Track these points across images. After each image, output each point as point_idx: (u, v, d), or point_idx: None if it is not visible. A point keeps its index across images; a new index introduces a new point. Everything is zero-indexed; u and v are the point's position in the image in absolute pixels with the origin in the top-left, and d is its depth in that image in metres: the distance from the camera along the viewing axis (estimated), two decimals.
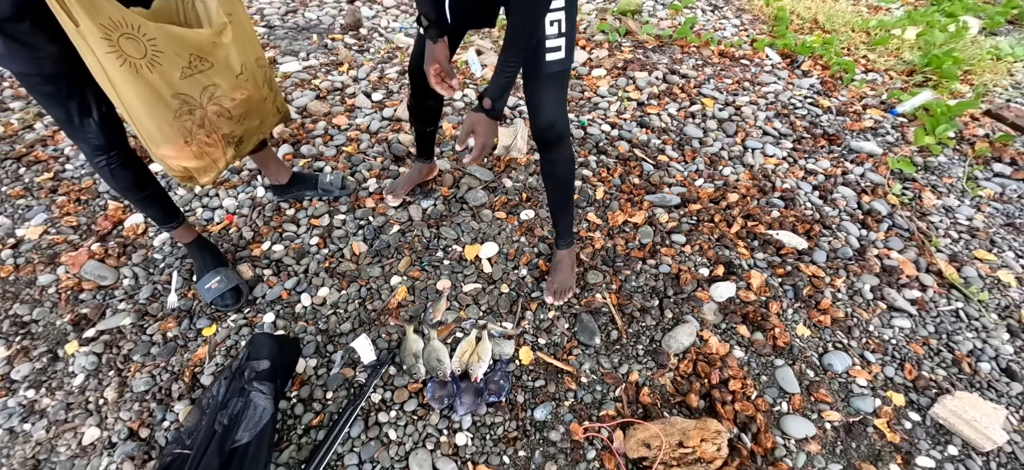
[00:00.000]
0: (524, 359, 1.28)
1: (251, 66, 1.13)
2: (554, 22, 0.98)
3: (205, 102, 1.05)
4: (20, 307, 1.39)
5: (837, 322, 1.41)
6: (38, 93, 0.96)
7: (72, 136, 1.05)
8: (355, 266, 1.49)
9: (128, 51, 0.89)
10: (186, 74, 0.99)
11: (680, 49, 2.66)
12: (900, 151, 2.06)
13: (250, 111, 1.17)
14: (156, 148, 1.05)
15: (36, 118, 2.04)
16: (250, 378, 1.05)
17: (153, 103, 0.97)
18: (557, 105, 1.10)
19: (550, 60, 1.02)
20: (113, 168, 1.11)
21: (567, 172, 1.24)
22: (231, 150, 1.17)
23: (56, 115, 1.00)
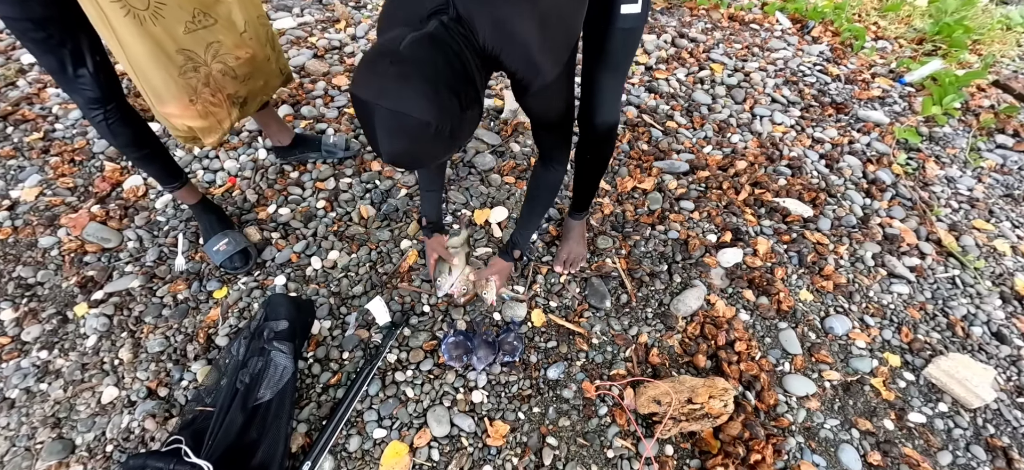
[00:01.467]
0: (536, 321, 1.33)
1: (254, 23, 1.13)
2: None
3: (209, 59, 1.04)
4: (23, 270, 1.40)
5: (839, 288, 1.48)
6: (28, 40, 0.93)
7: (66, 88, 1.03)
8: (364, 230, 1.52)
9: (132, 2, 0.88)
10: (190, 29, 0.98)
11: (689, 11, 2.65)
12: (907, 121, 2.10)
13: (254, 71, 1.17)
14: (161, 105, 1.04)
15: (18, 75, 1.99)
16: (269, 338, 1.09)
17: (158, 57, 0.96)
18: (617, 94, 1.03)
19: (625, 13, 0.89)
20: (111, 123, 1.09)
21: (606, 160, 1.20)
22: (235, 110, 1.17)
23: (48, 64, 0.98)
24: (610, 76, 1.01)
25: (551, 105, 0.89)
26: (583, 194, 1.36)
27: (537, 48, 0.75)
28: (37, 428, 1.14)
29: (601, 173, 1.28)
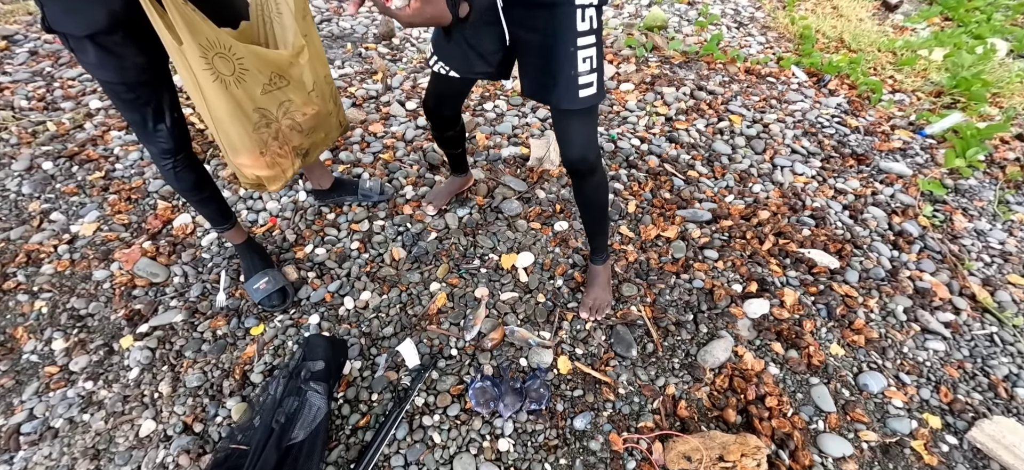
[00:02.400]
0: (562, 369, 1.30)
1: (321, 83, 1.19)
2: (586, 58, 0.97)
3: (280, 116, 1.10)
4: (77, 301, 1.44)
5: (871, 342, 1.41)
6: (119, 100, 1.02)
7: (144, 140, 1.11)
8: (395, 271, 1.53)
9: (220, 68, 0.95)
10: (267, 90, 1.05)
11: (706, 65, 2.69)
12: (930, 173, 2.05)
13: (318, 125, 1.23)
14: (235, 156, 1.11)
15: (86, 118, 2.12)
16: (306, 378, 1.09)
17: (237, 115, 1.03)
18: (587, 138, 1.09)
19: (584, 97, 1.00)
20: (178, 171, 1.17)
21: (599, 196, 1.23)
22: (298, 160, 1.23)
23: (132, 120, 1.06)
24: (576, 123, 1.07)
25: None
26: (592, 236, 1.37)
27: None
28: (77, 459, 1.14)
29: (599, 212, 1.28)
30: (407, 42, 2.76)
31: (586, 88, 0.99)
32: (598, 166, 1.16)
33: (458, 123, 1.43)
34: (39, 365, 1.31)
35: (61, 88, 2.29)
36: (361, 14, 2.99)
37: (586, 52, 0.96)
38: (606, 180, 1.23)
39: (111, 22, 0.89)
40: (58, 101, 2.21)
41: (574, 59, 0.96)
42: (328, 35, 2.78)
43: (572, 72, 0.97)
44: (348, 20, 2.93)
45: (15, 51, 2.53)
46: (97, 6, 0.87)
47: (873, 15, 3.34)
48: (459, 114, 1.40)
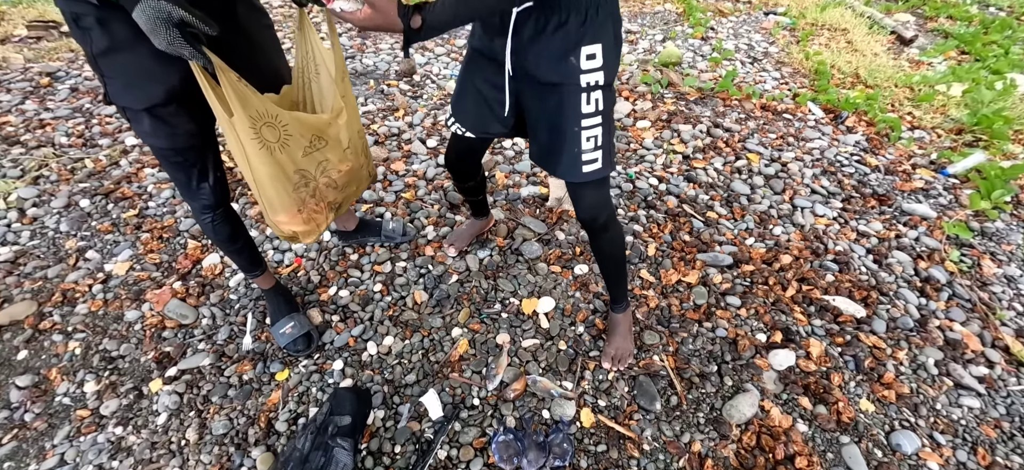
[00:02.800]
0: (585, 421, 1.27)
1: (355, 139, 1.22)
2: (590, 138, 0.97)
3: (318, 175, 1.13)
4: (108, 342, 1.46)
5: (902, 398, 1.36)
6: (168, 162, 1.06)
7: (187, 197, 1.14)
8: (417, 315, 1.53)
9: (267, 136, 0.98)
10: (307, 152, 1.08)
11: (722, 102, 2.68)
12: (955, 214, 2.00)
13: (351, 180, 1.26)
14: (274, 215, 1.13)
15: (121, 155, 2.18)
16: (333, 433, 1.08)
17: (279, 178, 1.06)
18: (598, 201, 1.10)
19: (588, 172, 1.00)
20: (216, 224, 1.20)
21: (614, 248, 1.22)
22: (331, 214, 1.26)
23: (177, 179, 1.10)
24: (584, 189, 1.08)
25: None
26: (611, 285, 1.35)
27: None
28: None
29: (616, 263, 1.27)
30: (428, 79, 2.81)
31: (590, 164, 1.00)
32: (611, 223, 1.16)
33: (478, 174, 1.44)
34: (71, 408, 1.32)
35: (99, 125, 2.36)
36: (383, 51, 3.06)
37: (591, 131, 0.97)
38: (621, 233, 1.22)
39: (168, 96, 0.93)
40: (96, 138, 2.28)
41: (578, 138, 0.97)
42: (351, 72, 2.84)
43: (576, 150, 0.98)
44: (371, 57, 3.00)
45: (57, 87, 2.63)
46: (156, 83, 0.91)
47: (888, 49, 3.32)
48: (479, 166, 1.42)
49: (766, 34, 3.46)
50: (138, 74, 0.90)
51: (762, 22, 3.62)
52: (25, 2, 3.41)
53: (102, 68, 0.90)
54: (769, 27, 3.53)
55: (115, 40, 0.85)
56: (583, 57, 0.91)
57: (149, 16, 0.73)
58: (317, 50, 1.08)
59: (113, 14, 0.79)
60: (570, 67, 0.91)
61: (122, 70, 0.89)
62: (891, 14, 3.76)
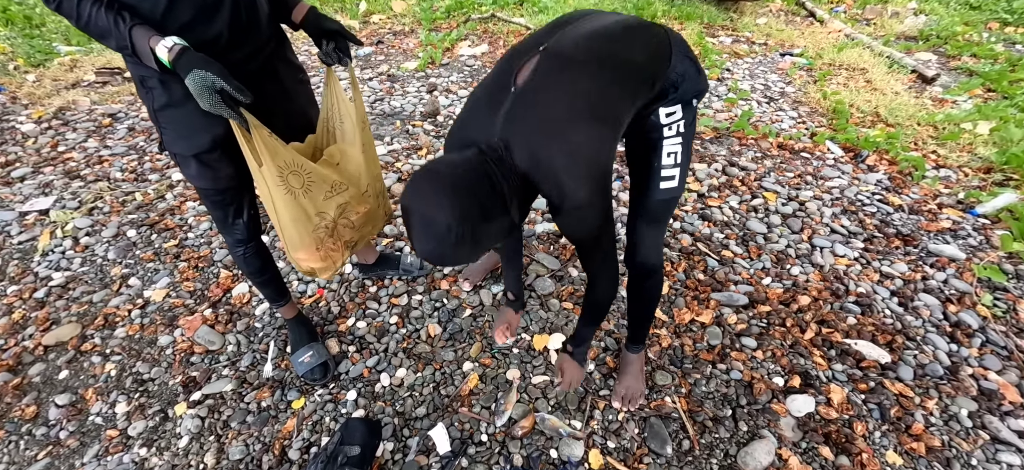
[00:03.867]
0: (594, 463, 1.23)
1: (373, 183, 1.29)
2: (671, 153, 0.99)
3: (337, 217, 1.19)
4: (141, 365, 1.53)
5: (933, 452, 1.27)
6: (209, 200, 1.15)
7: (223, 230, 1.23)
8: (430, 348, 1.54)
9: (292, 184, 1.06)
10: (328, 196, 1.15)
11: (738, 141, 2.67)
12: (986, 256, 1.90)
13: (368, 220, 1.32)
14: (294, 252, 1.20)
15: (168, 189, 2.33)
16: (342, 463, 1.08)
17: (300, 219, 1.13)
18: (656, 241, 1.10)
19: (663, 188, 1.01)
20: (247, 257, 1.28)
21: (655, 292, 1.20)
22: (348, 252, 1.32)
23: (216, 216, 1.19)
24: (648, 228, 1.08)
25: (582, 227, 0.91)
26: (636, 328, 1.32)
27: (566, 174, 0.82)
28: None
29: (651, 309, 1.25)
30: (450, 119, 2.91)
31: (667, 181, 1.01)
32: (661, 266, 1.15)
33: None
34: (102, 428, 1.37)
35: (150, 161, 2.54)
36: (409, 94, 3.20)
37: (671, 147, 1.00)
38: (662, 277, 1.19)
39: (213, 144, 1.03)
40: (147, 173, 2.44)
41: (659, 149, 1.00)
42: (380, 113, 2.98)
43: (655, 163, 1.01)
44: (399, 99, 3.14)
45: (116, 127, 2.85)
46: (204, 133, 1.01)
47: (909, 88, 3.25)
48: None
49: (783, 74, 3.45)
50: (189, 126, 1.01)
51: (778, 63, 3.62)
52: (96, 51, 3.75)
53: (160, 121, 1.02)
54: (786, 68, 3.52)
55: (172, 98, 0.98)
56: (662, 115, 0.97)
57: (197, 83, 0.85)
58: (341, 103, 1.17)
59: (172, 77, 0.91)
60: (651, 124, 0.99)
61: (176, 123, 1.01)
62: (912, 53, 3.69)
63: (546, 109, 0.83)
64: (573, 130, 0.82)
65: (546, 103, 0.83)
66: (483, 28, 4.14)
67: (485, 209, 0.77)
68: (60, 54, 3.72)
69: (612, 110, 0.87)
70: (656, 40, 0.94)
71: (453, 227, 0.72)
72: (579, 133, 0.83)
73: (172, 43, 0.85)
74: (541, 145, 0.82)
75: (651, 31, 0.95)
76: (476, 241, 0.77)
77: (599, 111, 0.85)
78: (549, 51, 0.87)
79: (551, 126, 0.82)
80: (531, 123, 0.83)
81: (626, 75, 0.89)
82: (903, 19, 4.33)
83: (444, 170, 0.77)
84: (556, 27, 0.95)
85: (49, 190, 2.28)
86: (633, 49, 0.91)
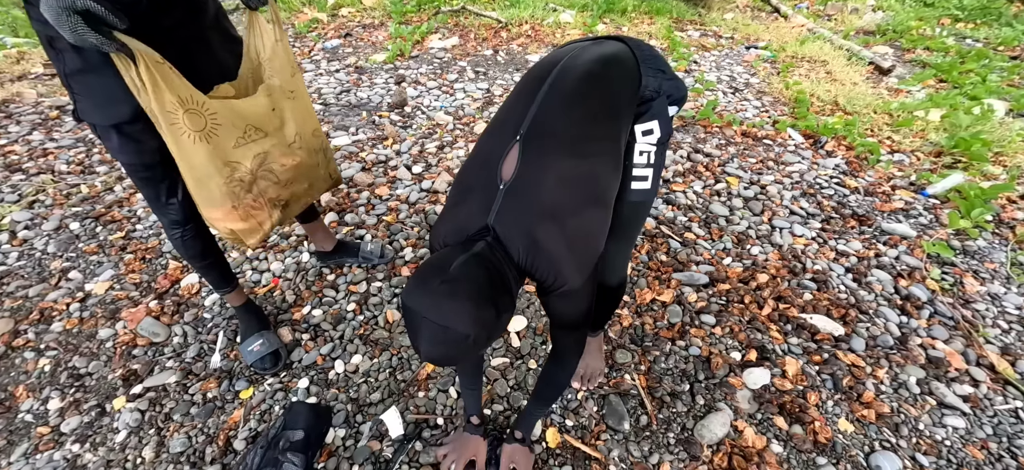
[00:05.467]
0: (551, 441, 1.22)
1: (306, 137, 1.19)
2: (643, 152, 0.94)
3: (254, 165, 1.09)
4: (78, 360, 1.44)
5: (883, 418, 1.29)
6: (137, 177, 1.07)
7: (157, 211, 1.14)
8: (388, 334, 1.50)
9: (189, 124, 0.95)
10: (240, 143, 1.05)
11: (703, 129, 2.70)
12: (935, 234, 1.96)
13: (298, 176, 1.21)
14: (206, 210, 1.10)
15: (116, 181, 2.22)
16: (284, 448, 1.04)
17: (207, 169, 1.02)
18: (625, 255, 1.08)
19: (635, 189, 0.95)
20: (186, 239, 1.19)
21: (618, 300, 1.18)
22: (277, 212, 1.20)
23: (147, 194, 1.11)
24: (619, 244, 1.02)
25: (571, 308, 0.89)
26: (598, 323, 1.31)
27: (565, 262, 0.79)
28: None
29: (613, 310, 1.23)
30: (418, 110, 2.87)
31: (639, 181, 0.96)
32: (625, 282, 1.15)
33: None
34: (32, 425, 1.28)
35: (99, 153, 2.42)
36: (376, 86, 3.14)
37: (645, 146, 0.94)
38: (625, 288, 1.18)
39: (134, 114, 0.94)
40: (95, 165, 2.33)
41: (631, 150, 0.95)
42: (346, 104, 2.92)
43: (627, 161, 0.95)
44: (365, 90, 3.08)
45: (64, 119, 2.71)
46: (123, 103, 0.92)
47: (867, 79, 3.36)
48: None
49: (748, 66, 3.53)
50: (107, 94, 0.92)
51: (743, 55, 3.69)
52: None
53: (73, 86, 0.93)
54: (750, 60, 3.60)
55: (87, 63, 0.88)
56: (639, 134, 0.93)
57: (53, 7, 0.72)
58: (265, 46, 1.07)
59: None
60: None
61: (92, 90, 0.92)
62: (870, 46, 3.82)
63: (538, 201, 0.78)
64: (569, 218, 0.79)
65: (537, 195, 0.79)
66: (454, 21, 4.11)
67: (498, 307, 0.73)
68: (6, 46, 3.53)
69: (606, 189, 0.85)
70: (627, 70, 0.90)
71: (470, 334, 0.69)
72: (576, 219, 0.80)
73: None
74: (537, 234, 0.78)
75: (621, 63, 0.90)
76: (488, 339, 0.74)
77: (593, 193, 0.82)
78: (528, 138, 0.81)
79: (545, 218, 0.78)
80: (525, 218, 0.78)
81: (611, 130, 0.85)
82: (862, 15, 4.49)
83: (461, 276, 0.71)
84: (524, 96, 0.87)
85: None
86: (612, 97, 0.86)
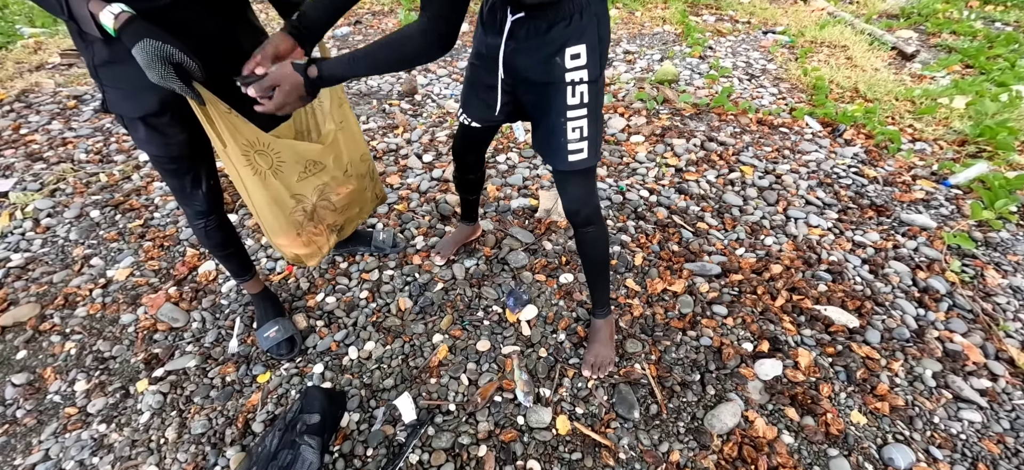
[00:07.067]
0: (561, 429, 1.24)
1: (356, 163, 1.26)
2: (576, 128, 1.01)
3: (315, 199, 1.18)
4: (102, 343, 1.50)
5: (896, 411, 1.29)
6: (163, 169, 1.09)
7: (181, 202, 1.18)
8: (400, 322, 1.53)
9: (259, 163, 1.03)
10: (302, 177, 1.13)
11: (718, 117, 2.67)
12: (957, 225, 1.93)
13: (352, 202, 1.30)
14: (274, 237, 1.18)
15: (134, 170, 2.27)
16: (301, 431, 1.07)
17: (275, 203, 1.10)
18: (582, 194, 1.13)
19: (573, 161, 1.05)
20: (209, 230, 1.23)
21: (598, 250, 1.24)
22: (334, 236, 1.29)
23: (172, 186, 1.14)
24: (572, 184, 1.12)
25: None
26: (593, 288, 1.34)
27: None
28: None
29: (599, 263, 1.27)
30: (428, 98, 2.87)
31: (575, 153, 1.04)
32: (595, 219, 1.18)
33: (480, 168, 1.48)
34: (61, 406, 1.34)
35: (116, 142, 2.47)
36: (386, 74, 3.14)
37: (576, 123, 1.01)
38: (606, 234, 1.23)
39: (161, 106, 0.97)
40: (112, 154, 2.38)
41: (564, 129, 1.01)
42: (356, 92, 2.93)
43: (562, 139, 1.02)
44: (375, 78, 3.09)
45: (82, 109, 2.77)
46: (151, 93, 0.94)
47: (889, 65, 3.27)
48: (483, 160, 1.45)
49: (764, 52, 3.46)
50: (134, 85, 0.94)
51: (760, 41, 3.62)
52: (61, 33, 3.64)
53: (101, 78, 0.95)
54: (767, 45, 3.52)
55: (115, 54, 0.90)
56: (568, 57, 0.95)
57: (148, 53, 0.79)
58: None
59: None
60: (556, 67, 0.97)
61: (120, 81, 0.94)
62: (893, 31, 3.72)
63: None
64: None
65: None
66: None
67: None
68: (24, 36, 3.60)
69: None
70: None
71: None
72: None
73: (119, 9, 0.79)
74: None
75: None
76: None
77: None
78: None
79: None
80: None
81: None
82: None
83: None
84: None
85: (9, 173, 2.22)
86: None
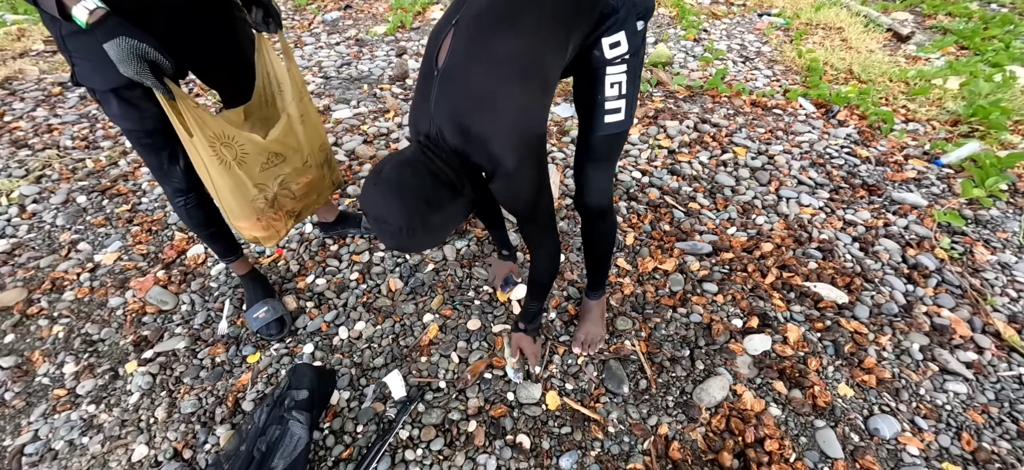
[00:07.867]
0: (550, 404, 1.25)
1: (315, 153, 1.28)
2: (615, 83, 0.94)
3: (276, 187, 1.20)
4: (91, 326, 1.49)
5: (883, 383, 1.31)
6: (139, 144, 1.09)
7: (160, 179, 1.17)
8: (390, 302, 1.53)
9: (224, 155, 1.05)
10: (264, 168, 1.15)
11: (711, 99, 2.66)
12: (947, 203, 1.94)
13: (310, 190, 1.32)
14: (235, 221, 1.20)
15: (121, 156, 2.25)
16: (289, 407, 1.08)
17: (237, 190, 1.12)
18: (604, 180, 1.07)
19: (608, 122, 0.97)
20: (189, 208, 1.22)
21: (607, 238, 1.21)
22: (291, 221, 1.32)
23: (150, 162, 1.13)
24: (595, 168, 1.06)
25: (516, 194, 0.91)
26: (593, 273, 1.33)
27: (493, 142, 0.82)
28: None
29: (605, 253, 1.25)
30: None
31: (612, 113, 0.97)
32: (610, 211, 1.14)
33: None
34: (49, 388, 1.34)
35: (103, 128, 2.45)
36: (378, 58, 3.12)
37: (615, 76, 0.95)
38: (615, 224, 1.20)
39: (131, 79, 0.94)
40: (99, 140, 2.36)
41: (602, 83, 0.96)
42: (347, 77, 2.91)
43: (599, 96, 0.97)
44: (366, 63, 3.06)
45: (67, 96, 2.73)
46: None
47: (884, 46, 3.26)
48: None
49: (759, 35, 3.44)
50: (104, 57, 0.91)
51: (755, 23, 3.60)
52: None
53: (70, 49, 0.94)
54: (763, 28, 3.51)
55: None
56: (606, 47, 0.92)
57: (123, 50, 0.82)
58: (276, 70, 1.14)
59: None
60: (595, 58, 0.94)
61: (89, 52, 0.93)
62: (888, 12, 3.70)
63: (466, 83, 0.80)
64: (497, 96, 0.80)
65: (466, 77, 0.80)
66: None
67: (431, 201, 0.82)
68: (6, 23, 3.54)
69: (536, 64, 0.82)
70: None
71: (403, 227, 0.80)
72: (503, 99, 0.81)
73: (94, 5, 0.80)
74: (466, 118, 0.81)
75: None
76: (432, 230, 0.84)
77: (522, 70, 0.81)
78: (461, 22, 0.82)
79: (473, 98, 0.81)
80: (454, 101, 0.81)
81: (549, 16, 0.82)
82: None
83: (389, 174, 0.81)
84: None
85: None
86: None
